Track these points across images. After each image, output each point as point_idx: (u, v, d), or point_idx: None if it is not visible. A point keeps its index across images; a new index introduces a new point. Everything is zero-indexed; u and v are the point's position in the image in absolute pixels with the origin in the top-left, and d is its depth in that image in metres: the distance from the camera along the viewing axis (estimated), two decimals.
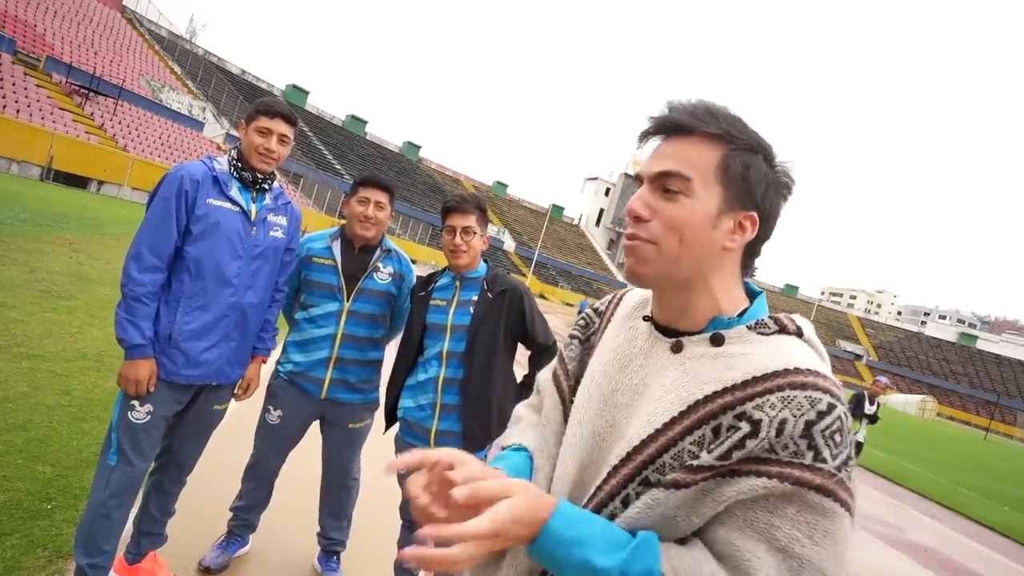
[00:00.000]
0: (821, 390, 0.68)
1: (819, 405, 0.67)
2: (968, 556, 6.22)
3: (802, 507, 0.65)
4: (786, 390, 0.68)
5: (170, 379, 1.94)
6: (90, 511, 1.91)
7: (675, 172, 0.77)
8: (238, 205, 2.01)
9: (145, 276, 1.85)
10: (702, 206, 0.77)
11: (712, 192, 0.77)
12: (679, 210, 0.77)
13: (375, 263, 2.39)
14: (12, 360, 3.74)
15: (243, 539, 2.52)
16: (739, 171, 0.77)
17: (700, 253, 0.78)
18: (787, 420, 0.66)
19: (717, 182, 0.77)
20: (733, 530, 0.67)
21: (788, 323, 0.77)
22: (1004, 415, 53.77)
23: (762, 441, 0.67)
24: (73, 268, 6.84)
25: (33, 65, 22.81)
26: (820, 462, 0.65)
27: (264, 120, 2.02)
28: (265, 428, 2.43)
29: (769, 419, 0.67)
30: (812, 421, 0.66)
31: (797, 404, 0.67)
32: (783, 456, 0.66)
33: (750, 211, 0.78)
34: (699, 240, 0.77)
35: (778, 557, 0.64)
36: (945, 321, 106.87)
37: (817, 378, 0.69)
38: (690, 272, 0.79)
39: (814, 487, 0.65)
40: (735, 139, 0.78)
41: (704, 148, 0.78)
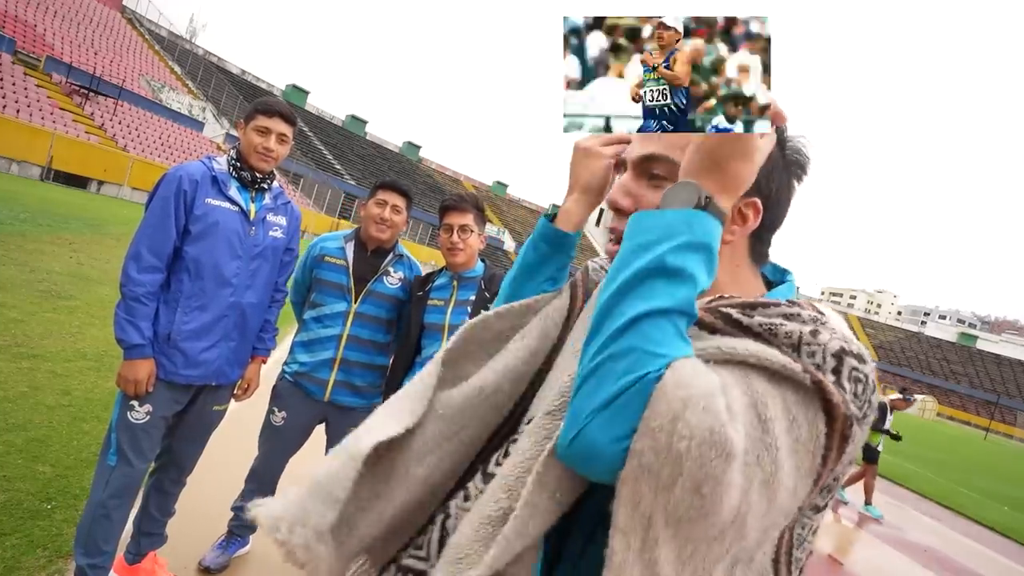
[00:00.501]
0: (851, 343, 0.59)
1: (852, 345, 0.58)
2: (968, 556, 6.23)
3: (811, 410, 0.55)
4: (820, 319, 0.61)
5: (169, 379, 1.94)
6: (90, 511, 1.91)
7: (660, 155, 0.68)
8: (237, 205, 2.01)
9: (144, 276, 1.85)
10: None
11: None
12: None
13: (386, 267, 2.39)
14: (12, 360, 3.74)
15: (243, 539, 2.52)
16: None
17: None
18: (821, 332, 0.58)
19: None
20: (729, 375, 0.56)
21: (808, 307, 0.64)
22: (1004, 415, 53.81)
23: (793, 328, 0.58)
24: (73, 268, 6.84)
25: (33, 65, 22.82)
26: (838, 382, 0.56)
27: (263, 119, 2.02)
28: (269, 429, 2.44)
29: (806, 318, 0.60)
30: (847, 351, 0.57)
31: (831, 329, 0.59)
32: (803, 359, 0.56)
33: (752, 196, 0.67)
34: None
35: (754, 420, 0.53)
36: (945, 321, 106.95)
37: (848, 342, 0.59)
38: None
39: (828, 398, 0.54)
40: None
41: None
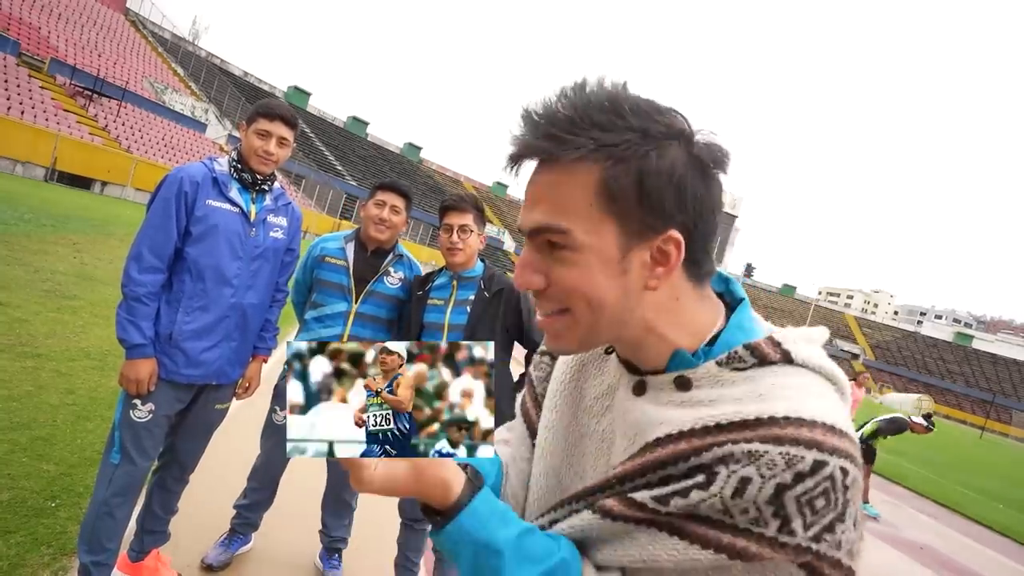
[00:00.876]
0: (804, 444, 0.51)
1: (798, 465, 0.50)
2: (964, 554, 6.24)
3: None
4: (755, 443, 0.52)
5: (170, 378, 1.96)
6: (93, 509, 1.94)
7: (547, 226, 0.60)
8: (237, 206, 2.03)
9: (145, 277, 1.88)
10: (596, 257, 0.59)
11: (604, 231, 0.59)
12: (571, 273, 0.60)
13: (386, 267, 2.42)
14: (17, 359, 3.77)
15: (246, 537, 2.54)
16: (630, 189, 0.58)
17: (618, 310, 0.61)
18: (751, 479, 0.51)
19: (605, 215, 0.58)
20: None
21: (770, 350, 0.59)
22: (999, 414, 53.75)
23: (713, 498, 0.52)
24: (77, 268, 6.88)
25: (37, 67, 22.87)
26: (786, 534, 0.50)
27: (264, 123, 2.03)
28: (272, 428, 2.46)
29: (728, 473, 0.52)
30: (785, 485, 0.50)
31: (768, 462, 0.51)
32: (740, 521, 0.51)
33: (667, 230, 0.59)
34: (607, 295, 0.60)
35: None
36: (941, 321, 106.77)
37: (801, 428, 0.52)
38: (617, 332, 0.63)
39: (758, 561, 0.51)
40: (611, 147, 0.57)
41: (574, 177, 0.58)
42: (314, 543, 2.68)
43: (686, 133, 0.60)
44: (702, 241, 0.61)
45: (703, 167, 0.60)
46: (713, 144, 0.61)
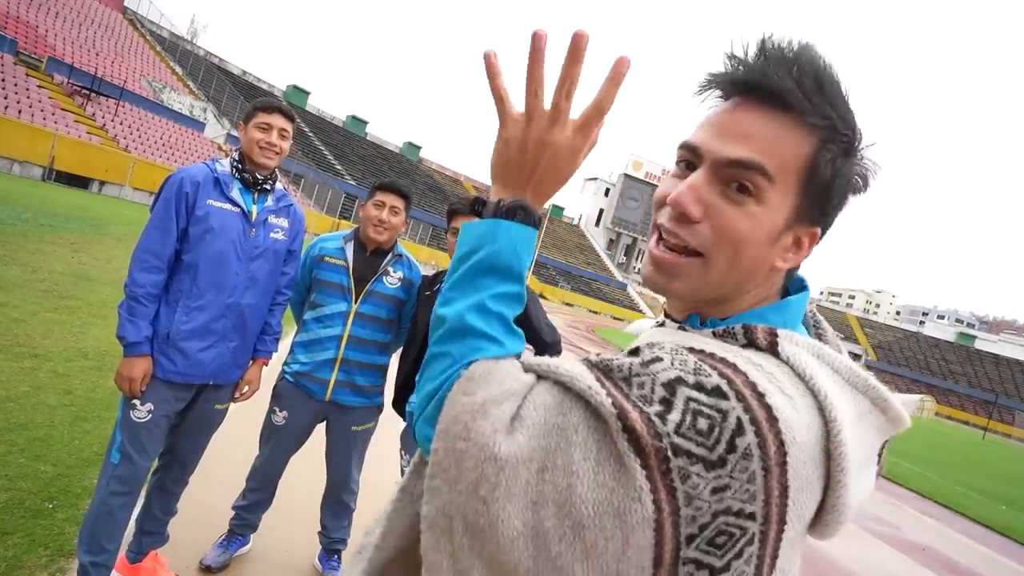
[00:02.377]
0: (719, 373, 0.51)
1: (704, 377, 0.51)
2: (967, 555, 6.24)
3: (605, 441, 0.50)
4: (683, 349, 0.54)
5: (168, 378, 1.96)
6: (93, 509, 1.93)
7: (759, 165, 0.57)
8: (238, 206, 2.03)
9: (145, 276, 1.89)
10: (771, 217, 0.58)
11: (787, 199, 0.59)
12: (745, 219, 0.58)
13: (385, 267, 2.41)
14: (14, 360, 3.75)
15: (244, 538, 2.53)
16: (827, 178, 0.58)
17: (750, 274, 0.61)
18: (661, 360, 0.53)
19: (797, 186, 0.58)
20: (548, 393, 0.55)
21: (761, 336, 0.58)
22: (1002, 415, 53.82)
23: (626, 361, 0.54)
24: (75, 268, 6.86)
25: (35, 66, 22.84)
26: (660, 419, 0.49)
27: (263, 116, 2.05)
28: (270, 429, 2.45)
29: (649, 353, 0.54)
30: (683, 380, 0.51)
31: (682, 359, 0.53)
32: (632, 391, 0.52)
33: (815, 226, 0.60)
34: (755, 259, 0.60)
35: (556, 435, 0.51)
36: (943, 321, 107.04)
37: (727, 367, 0.52)
38: (728, 292, 0.62)
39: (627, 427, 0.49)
40: (836, 133, 0.57)
41: (798, 136, 0.57)
42: (313, 544, 2.66)
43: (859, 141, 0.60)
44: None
45: (851, 181, 0.61)
46: (870, 166, 0.61)
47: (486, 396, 0.54)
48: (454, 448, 0.52)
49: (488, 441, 0.51)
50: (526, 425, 0.52)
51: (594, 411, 0.52)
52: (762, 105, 0.58)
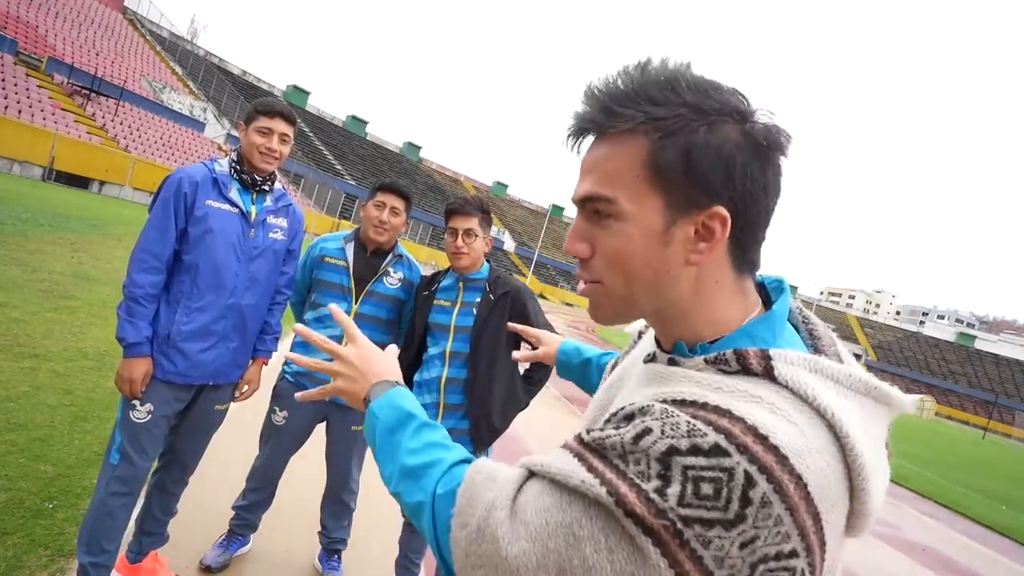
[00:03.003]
0: (714, 427, 0.50)
1: (699, 439, 0.50)
2: (967, 555, 6.23)
3: (613, 527, 0.51)
4: (674, 409, 0.53)
5: (168, 379, 1.95)
6: (93, 509, 1.93)
7: (593, 195, 0.62)
8: (237, 207, 2.03)
9: (144, 277, 1.88)
10: (639, 226, 0.61)
11: (648, 202, 0.60)
12: (613, 239, 0.62)
13: (386, 267, 2.41)
14: (14, 360, 3.75)
15: (244, 538, 2.53)
16: (677, 162, 0.58)
17: (656, 283, 0.62)
18: (651, 431, 0.52)
19: (651, 187, 0.60)
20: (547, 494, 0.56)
21: (755, 362, 0.57)
22: (1002, 415, 53.83)
23: (617, 437, 0.54)
24: (74, 268, 6.85)
25: (35, 66, 22.85)
26: (660, 495, 0.49)
27: (264, 120, 2.04)
28: (270, 429, 2.45)
29: (639, 421, 0.54)
30: (677, 449, 0.50)
31: (673, 423, 0.52)
32: (630, 470, 0.52)
33: (713, 205, 0.59)
34: (643, 266, 0.61)
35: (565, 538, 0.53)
36: (943, 321, 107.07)
37: (721, 417, 0.51)
38: (655, 305, 0.64)
39: (629, 512, 0.49)
40: (661, 120, 0.58)
41: (623, 148, 0.60)
42: (313, 544, 2.66)
43: (742, 111, 0.60)
44: (750, 225, 0.61)
45: (758, 147, 0.59)
46: (772, 125, 0.60)
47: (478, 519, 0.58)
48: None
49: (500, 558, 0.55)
50: (530, 531, 0.54)
51: (593, 502, 0.52)
52: (594, 140, 0.64)
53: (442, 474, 0.66)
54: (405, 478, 0.68)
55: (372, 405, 0.78)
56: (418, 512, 0.66)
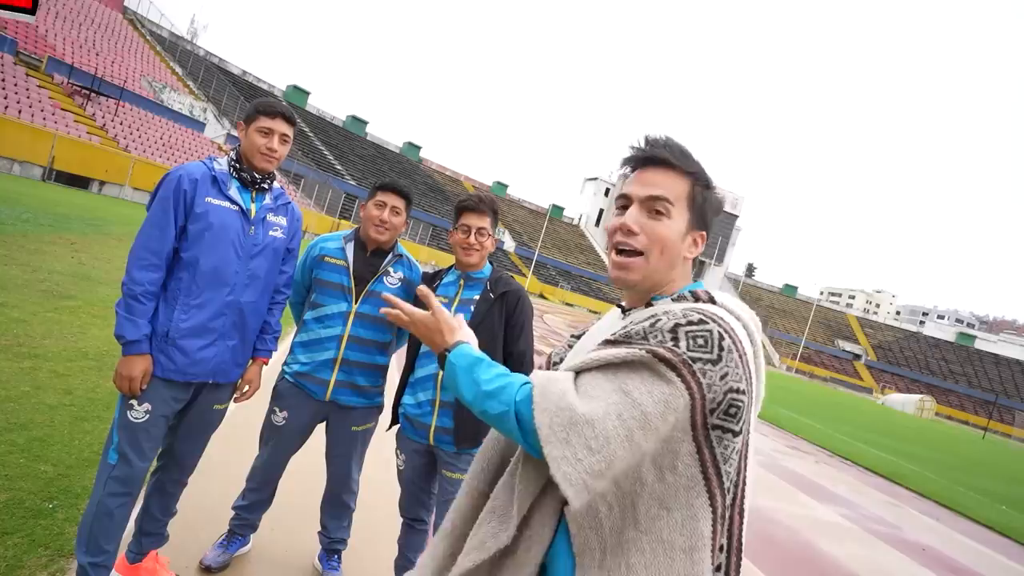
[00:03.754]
0: (697, 311, 0.92)
1: (690, 316, 0.91)
2: (966, 555, 6.23)
3: (650, 372, 0.87)
4: (671, 309, 0.96)
5: (167, 376, 1.95)
6: (91, 510, 1.93)
7: (663, 197, 1.03)
8: (237, 204, 2.02)
9: (143, 275, 1.88)
10: (677, 225, 1.03)
11: (683, 215, 1.04)
12: (663, 228, 1.03)
13: (386, 267, 2.40)
14: (14, 360, 3.75)
15: (244, 538, 2.53)
16: (700, 201, 1.06)
17: (672, 261, 1.04)
18: (660, 319, 0.92)
19: (687, 208, 1.04)
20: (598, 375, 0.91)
21: (703, 295, 1.02)
22: (1002, 415, 53.78)
23: (639, 326, 0.94)
24: (75, 268, 6.85)
25: (35, 66, 22.84)
26: (674, 345, 0.88)
27: (265, 120, 2.04)
28: (270, 429, 2.45)
29: (650, 316, 0.95)
30: (680, 323, 0.90)
31: (672, 313, 0.93)
32: (651, 341, 0.90)
33: (702, 231, 1.07)
34: (673, 251, 1.04)
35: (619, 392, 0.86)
36: (943, 321, 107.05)
37: (698, 304, 0.97)
38: (663, 276, 1.05)
39: (661, 358, 0.86)
40: (698, 176, 1.06)
41: (679, 180, 1.04)
42: (313, 544, 2.66)
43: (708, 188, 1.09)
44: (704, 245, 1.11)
45: (717, 210, 1.11)
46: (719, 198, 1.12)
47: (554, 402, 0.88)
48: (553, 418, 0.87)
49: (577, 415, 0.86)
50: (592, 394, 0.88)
51: (633, 363, 0.89)
52: (656, 167, 1.06)
53: (516, 390, 0.93)
54: (488, 398, 0.94)
55: (450, 356, 1.02)
56: (503, 418, 0.92)
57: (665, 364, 0.86)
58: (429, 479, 2.36)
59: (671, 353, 0.86)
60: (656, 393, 0.85)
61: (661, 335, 0.89)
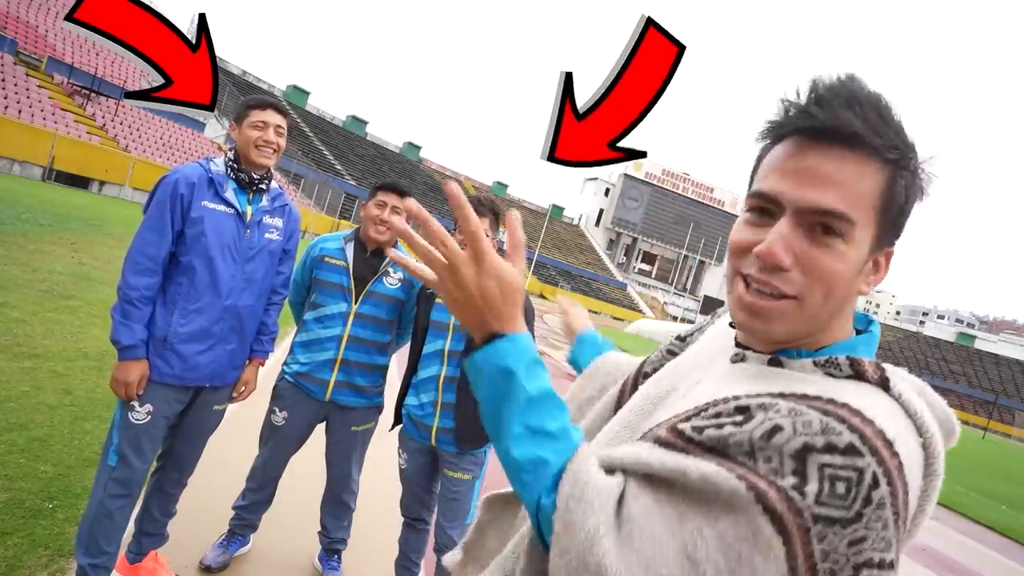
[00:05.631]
0: (848, 426, 0.50)
1: (834, 437, 0.50)
2: (966, 555, 6.23)
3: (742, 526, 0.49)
4: (801, 405, 0.52)
5: (165, 381, 1.94)
6: (91, 512, 1.92)
7: (841, 213, 0.58)
8: (232, 207, 2.01)
9: (139, 279, 1.87)
10: (858, 252, 0.60)
11: (869, 232, 0.60)
12: (836, 260, 0.59)
13: (386, 267, 2.40)
14: (14, 360, 3.75)
15: (244, 538, 2.53)
16: (901, 203, 0.60)
17: (839, 304, 0.62)
18: (783, 429, 0.51)
19: (874, 217, 0.60)
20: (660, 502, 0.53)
21: (871, 370, 0.58)
22: (1002, 415, 53.75)
23: (743, 434, 0.52)
24: (74, 268, 6.85)
25: (35, 66, 22.83)
26: (797, 492, 0.48)
27: (257, 113, 2.03)
28: (270, 430, 2.45)
29: (764, 418, 0.52)
30: (813, 447, 0.50)
31: (805, 421, 0.51)
32: (759, 465, 0.50)
33: (892, 245, 0.62)
34: (847, 293, 0.61)
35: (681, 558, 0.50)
36: (943, 321, 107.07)
37: (854, 416, 0.51)
38: (819, 324, 0.62)
39: (769, 509, 0.48)
40: (905, 158, 0.59)
41: (872, 172, 0.59)
42: (313, 544, 2.66)
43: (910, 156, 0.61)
44: None
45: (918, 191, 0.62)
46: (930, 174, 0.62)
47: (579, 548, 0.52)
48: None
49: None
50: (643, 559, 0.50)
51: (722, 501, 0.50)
52: (831, 147, 0.59)
53: (549, 478, 0.58)
54: (512, 470, 0.60)
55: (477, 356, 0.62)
56: (523, 500, 0.60)
57: (771, 519, 0.48)
58: (431, 478, 2.36)
59: (787, 505, 0.48)
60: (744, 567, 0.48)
61: (778, 459, 0.50)
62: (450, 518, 2.24)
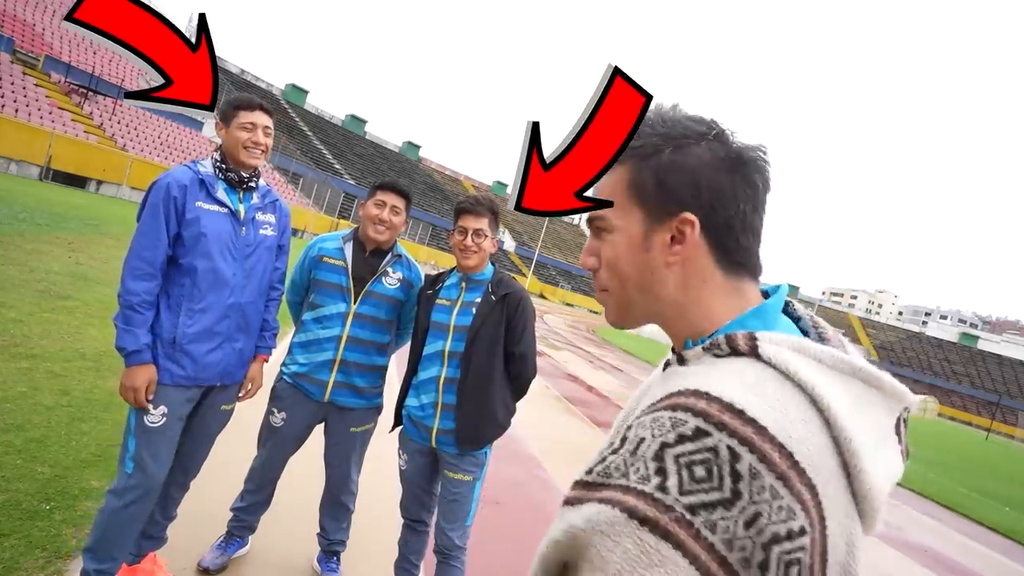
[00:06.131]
0: (692, 412, 0.53)
1: (682, 427, 0.52)
2: (969, 556, 6.22)
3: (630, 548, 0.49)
4: (660, 411, 0.56)
5: (177, 383, 1.95)
6: (106, 519, 1.91)
7: (591, 215, 0.74)
8: (226, 206, 2.02)
9: (138, 284, 1.87)
10: (624, 235, 0.71)
11: (631, 216, 0.71)
12: (607, 249, 0.72)
13: (385, 267, 2.38)
14: (11, 360, 3.73)
15: (242, 540, 2.51)
16: (652, 180, 0.69)
17: (640, 283, 0.71)
18: (645, 439, 0.54)
19: (633, 204, 0.70)
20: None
21: (742, 342, 0.61)
22: (1006, 416, 53.82)
23: (619, 458, 0.54)
24: (72, 268, 6.83)
25: (32, 64, 22.80)
26: (659, 490, 0.50)
27: (245, 114, 2.03)
28: (269, 430, 2.43)
29: (633, 436, 0.55)
30: (667, 444, 0.52)
31: (660, 424, 0.54)
32: (632, 480, 0.52)
33: (682, 212, 0.68)
34: (632, 270, 0.71)
35: None
36: (946, 321, 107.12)
37: (698, 400, 0.54)
38: (648, 305, 0.72)
39: (641, 519, 0.49)
40: (638, 148, 0.70)
41: (613, 176, 0.71)
42: (312, 546, 2.64)
43: (704, 132, 0.69)
44: (726, 228, 0.68)
45: (723, 161, 0.68)
46: (740, 143, 0.70)
47: None
48: None
49: None
50: None
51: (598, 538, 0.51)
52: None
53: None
54: None
55: None
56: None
57: (650, 528, 0.49)
58: (431, 479, 2.34)
59: (655, 507, 0.49)
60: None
61: (644, 468, 0.52)
62: (450, 519, 2.22)
